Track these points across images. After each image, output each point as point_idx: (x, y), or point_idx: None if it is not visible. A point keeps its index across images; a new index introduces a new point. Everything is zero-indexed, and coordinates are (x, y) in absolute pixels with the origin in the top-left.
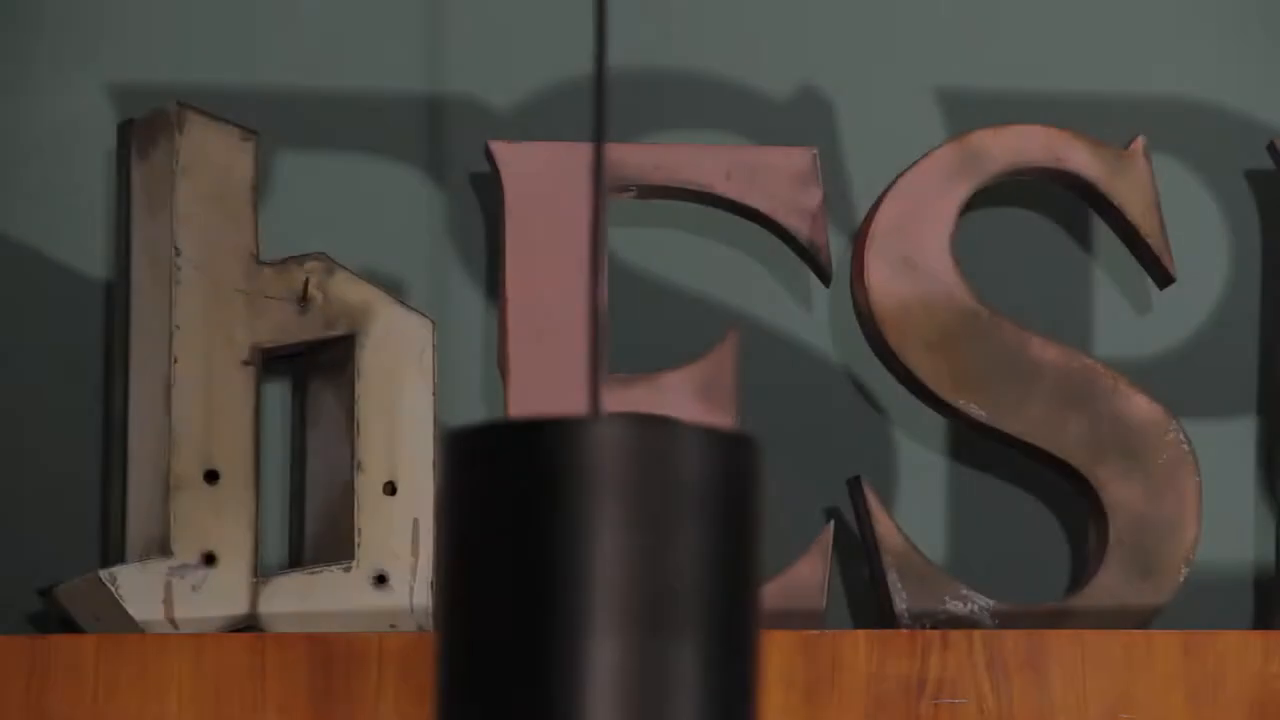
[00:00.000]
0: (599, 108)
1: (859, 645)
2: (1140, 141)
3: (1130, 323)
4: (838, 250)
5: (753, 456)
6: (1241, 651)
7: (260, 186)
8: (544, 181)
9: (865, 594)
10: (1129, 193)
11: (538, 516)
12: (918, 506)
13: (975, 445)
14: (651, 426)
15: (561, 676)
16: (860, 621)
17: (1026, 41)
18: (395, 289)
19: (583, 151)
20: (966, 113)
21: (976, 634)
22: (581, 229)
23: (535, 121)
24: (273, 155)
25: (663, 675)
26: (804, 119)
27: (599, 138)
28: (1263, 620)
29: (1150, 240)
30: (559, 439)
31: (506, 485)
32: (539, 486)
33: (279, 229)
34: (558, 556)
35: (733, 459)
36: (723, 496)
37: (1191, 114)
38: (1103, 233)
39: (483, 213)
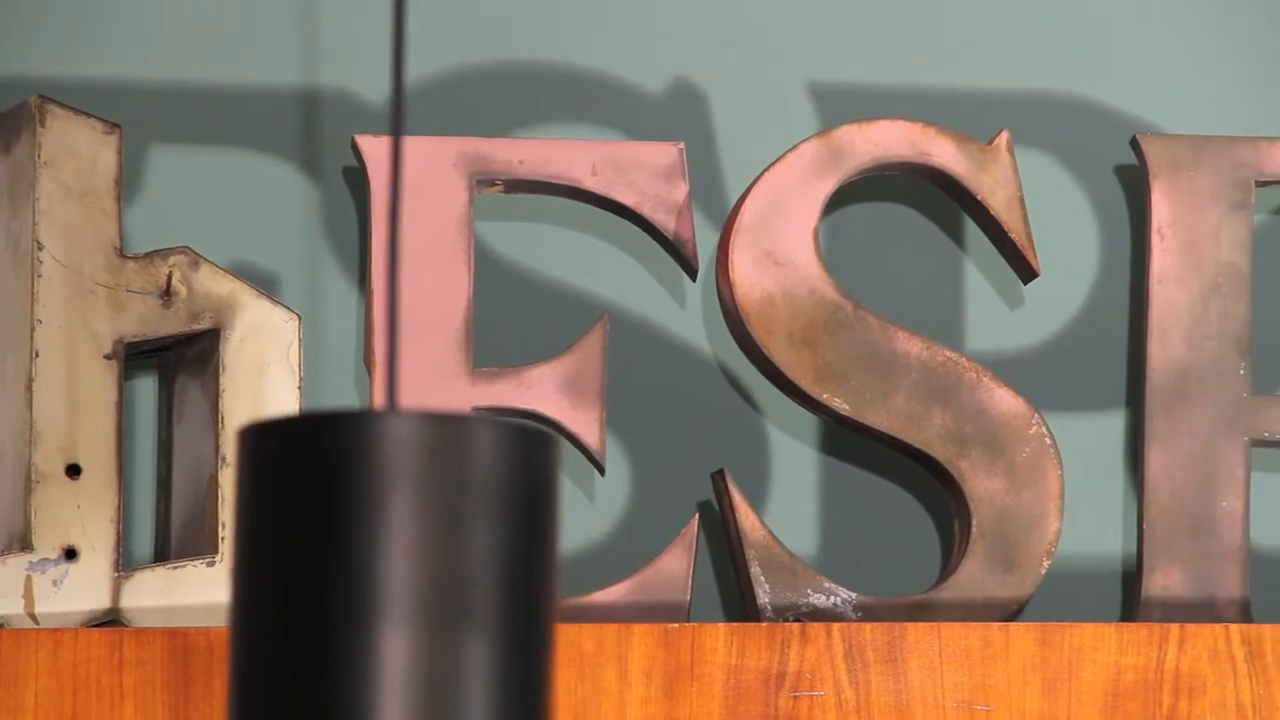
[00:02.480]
0: (396, 102)
1: (719, 638)
2: (1004, 136)
3: (1001, 317)
4: (711, 244)
5: (549, 451)
6: (1096, 643)
7: (132, 181)
8: (410, 175)
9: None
10: (993, 187)
11: (328, 510)
12: (790, 500)
13: (846, 439)
14: (444, 421)
15: (350, 670)
16: (733, 615)
17: (900, 37)
18: (268, 284)
19: (449, 145)
20: (840, 107)
21: (835, 626)
22: (447, 223)
23: (412, 116)
24: (145, 149)
25: (454, 668)
26: (677, 113)
27: (396, 130)
28: (1130, 612)
29: (1014, 235)
30: (350, 433)
31: (299, 479)
32: (330, 480)
33: (152, 224)
34: (348, 550)
35: (528, 454)
36: (517, 491)
37: (1063, 109)
38: (976, 228)
39: (356, 207)
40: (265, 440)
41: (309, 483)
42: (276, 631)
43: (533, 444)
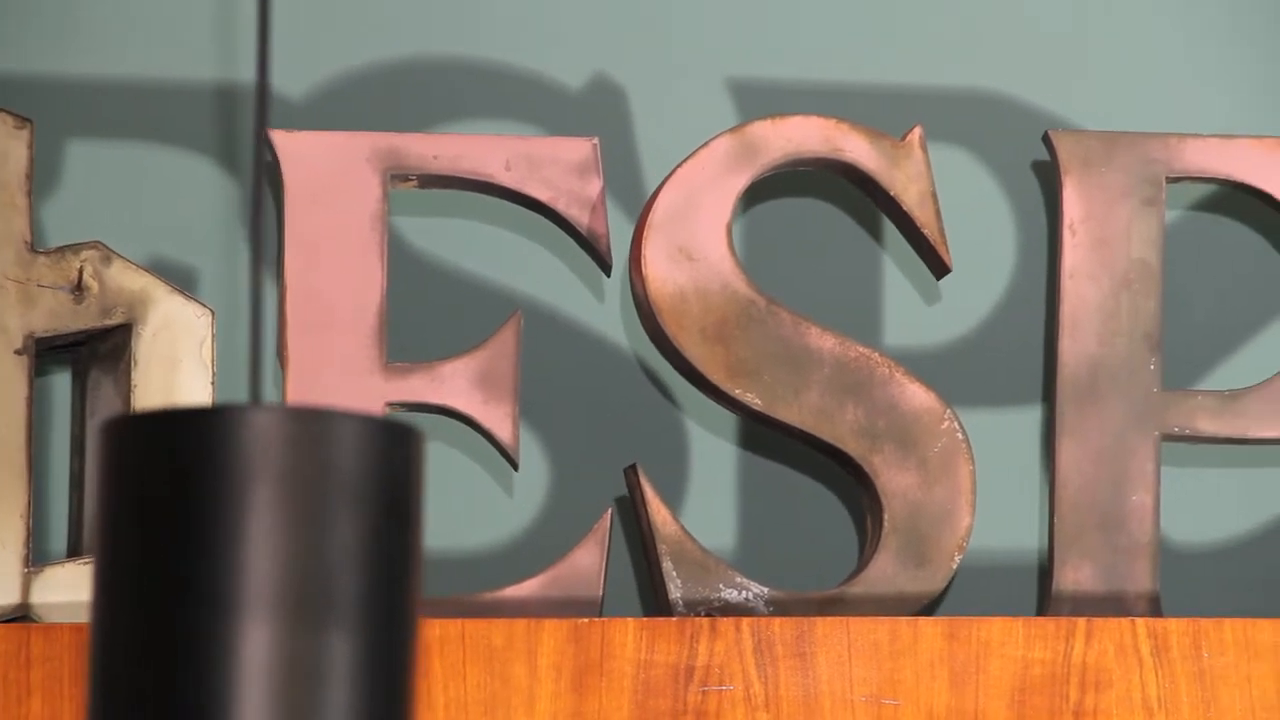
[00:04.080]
0: (261, 96)
1: (628, 633)
2: (917, 131)
3: (919, 313)
4: (629, 239)
5: (412, 447)
6: (1004, 637)
7: (48, 177)
8: (323, 171)
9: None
10: (905, 183)
11: (189, 505)
12: (707, 495)
13: (763, 434)
14: (306, 416)
15: (211, 666)
16: (649, 610)
17: (817, 33)
18: (187, 279)
19: (363, 140)
20: (757, 102)
21: (745, 621)
22: (361, 218)
23: (329, 111)
24: (61, 145)
25: (315, 663)
26: (595, 108)
27: (260, 125)
28: (1044, 607)
29: (926, 231)
30: (211, 428)
31: (159, 474)
32: (191, 475)
33: (69, 219)
34: (208, 545)
35: (390, 448)
36: (379, 485)
37: (980, 105)
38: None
39: (275, 202)
40: (126, 435)
41: (169, 478)
42: (136, 627)
43: (396, 438)
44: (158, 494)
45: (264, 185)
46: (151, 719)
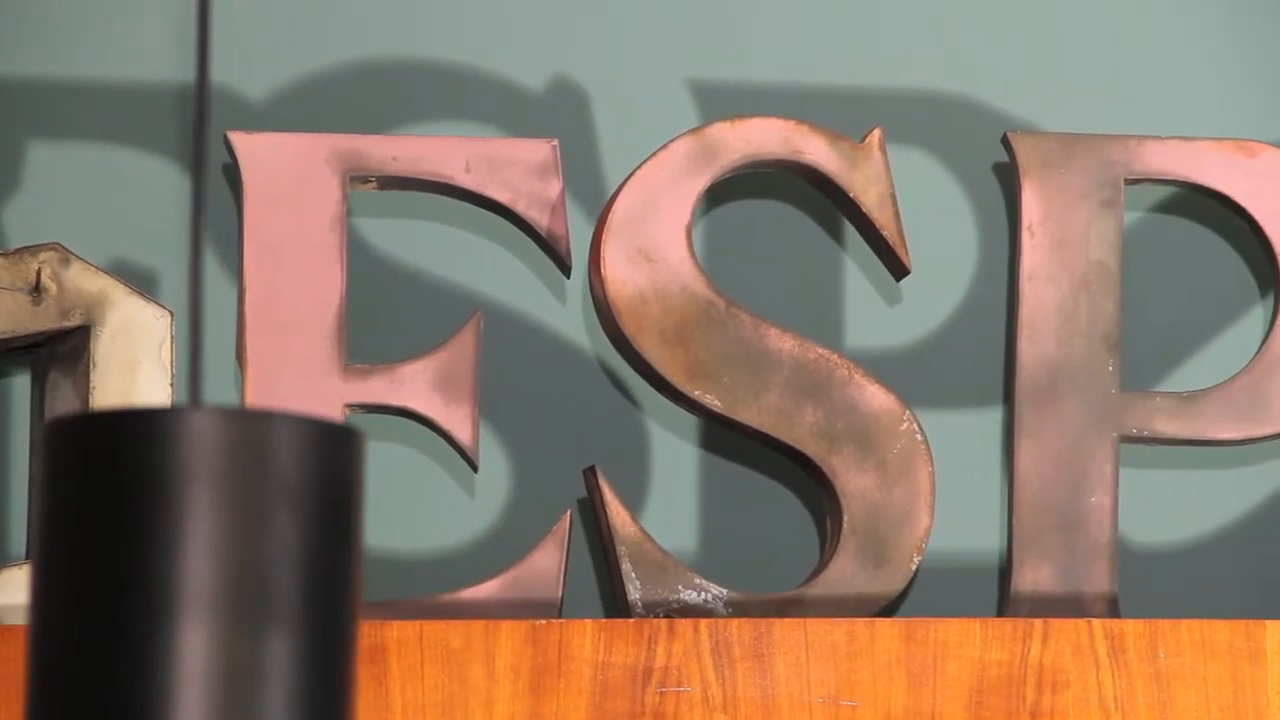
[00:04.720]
0: (201, 98)
1: (586, 634)
2: (876, 133)
3: (881, 314)
4: (588, 241)
5: (352, 449)
6: (961, 639)
7: (8, 178)
8: (283, 172)
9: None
10: (865, 185)
11: (127, 506)
12: (668, 496)
13: (724, 436)
14: (246, 418)
15: (148, 667)
16: (610, 612)
17: (779, 34)
18: (147, 281)
19: (322, 142)
20: (718, 104)
21: (702, 623)
22: (320, 220)
23: (288, 113)
24: (22, 146)
25: (253, 664)
26: (556, 110)
27: (200, 126)
28: (1004, 608)
29: (885, 232)
30: (152, 429)
31: (98, 474)
32: (130, 476)
33: (29, 221)
34: (146, 546)
35: (330, 451)
36: (319, 488)
37: (942, 107)
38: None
39: (235, 204)
40: (67, 435)
41: (109, 479)
42: (74, 628)
43: (336, 440)
44: (97, 494)
45: (205, 183)
46: (89, 719)
